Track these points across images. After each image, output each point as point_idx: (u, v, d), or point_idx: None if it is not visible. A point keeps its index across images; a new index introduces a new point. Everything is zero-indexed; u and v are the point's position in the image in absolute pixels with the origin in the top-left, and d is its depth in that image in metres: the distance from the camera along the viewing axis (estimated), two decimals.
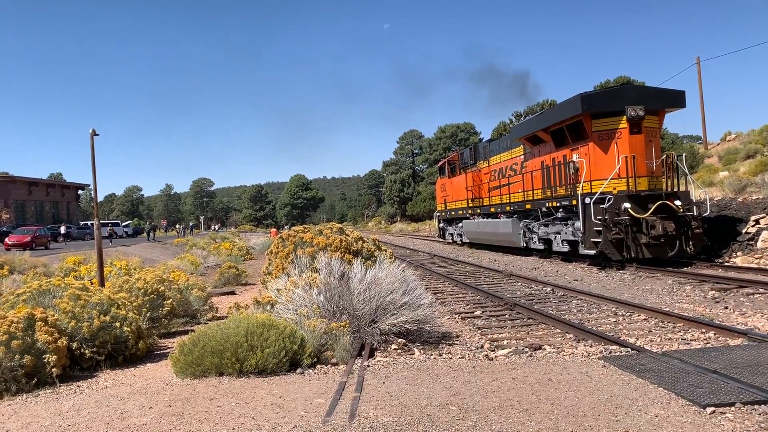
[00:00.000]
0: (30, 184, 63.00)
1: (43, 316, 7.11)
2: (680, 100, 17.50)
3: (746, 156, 33.21)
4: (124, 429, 5.10)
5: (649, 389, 5.51)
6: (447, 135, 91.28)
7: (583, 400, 5.29)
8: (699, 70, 41.74)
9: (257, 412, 5.37)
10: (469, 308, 11.54)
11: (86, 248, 25.19)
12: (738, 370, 5.92)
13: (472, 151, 28.60)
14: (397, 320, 8.11)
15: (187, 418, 5.30)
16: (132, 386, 6.75)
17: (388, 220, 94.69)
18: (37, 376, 6.83)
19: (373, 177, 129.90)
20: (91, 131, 11.63)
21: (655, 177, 17.14)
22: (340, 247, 10.66)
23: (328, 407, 5.35)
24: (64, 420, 5.49)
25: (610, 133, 16.90)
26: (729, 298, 11.12)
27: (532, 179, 20.63)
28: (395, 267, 9.52)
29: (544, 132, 19.42)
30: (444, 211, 33.73)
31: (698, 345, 7.62)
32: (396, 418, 5.03)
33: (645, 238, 15.79)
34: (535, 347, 7.91)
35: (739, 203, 19.39)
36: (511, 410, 5.12)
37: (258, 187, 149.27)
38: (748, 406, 4.92)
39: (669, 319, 9.25)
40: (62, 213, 69.63)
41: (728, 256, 17.16)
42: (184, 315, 11.33)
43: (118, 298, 8.61)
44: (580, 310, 10.75)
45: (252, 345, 6.68)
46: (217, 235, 52.64)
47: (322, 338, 7.39)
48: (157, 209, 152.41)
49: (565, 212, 18.51)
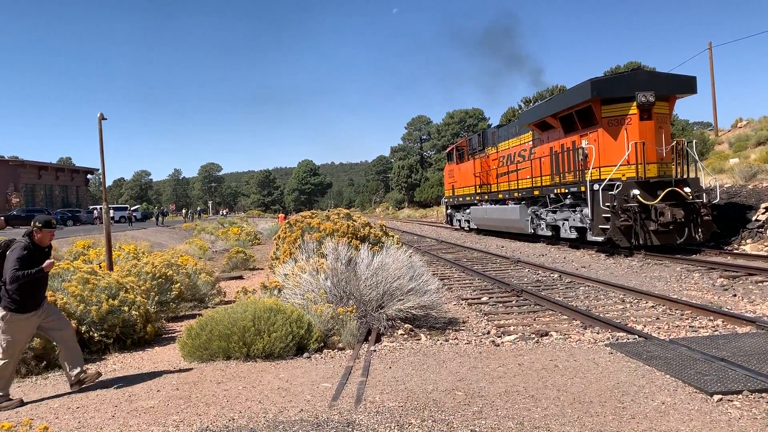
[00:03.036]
0: (39, 168, 63.24)
1: (52, 299, 7.15)
2: (691, 86, 17.29)
3: (757, 143, 32.90)
4: (132, 411, 5.14)
5: (656, 376, 5.50)
6: (455, 121, 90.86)
7: (590, 387, 5.29)
8: (711, 55, 41.28)
9: (264, 395, 5.40)
10: (476, 294, 11.54)
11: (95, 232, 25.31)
12: (746, 357, 5.89)
13: (480, 137, 28.46)
14: (404, 306, 8.12)
15: (195, 401, 5.33)
16: (140, 369, 6.81)
17: (395, 206, 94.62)
18: (46, 359, 6.90)
19: (381, 163, 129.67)
20: (99, 115, 11.63)
21: (665, 163, 17.00)
22: (347, 233, 10.66)
23: (335, 391, 5.37)
24: (72, 402, 5.55)
25: (620, 119, 16.75)
26: (738, 285, 11.06)
27: (541, 165, 20.52)
28: (402, 253, 9.52)
29: (553, 118, 19.28)
30: (452, 198, 33.65)
31: (706, 332, 7.59)
32: (402, 402, 5.04)
33: (654, 225, 15.70)
34: (541, 333, 7.90)
35: (749, 190, 19.23)
36: (518, 396, 5.12)
37: (266, 173, 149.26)
38: (756, 393, 4.90)
39: (677, 306, 9.21)
40: (71, 197, 69.94)
41: (738, 243, 17.05)
42: (192, 299, 11.39)
43: (126, 282, 8.66)
44: (587, 296, 10.72)
45: (259, 329, 6.72)
46: (225, 220, 52.78)
47: (329, 323, 7.41)
48: (165, 194, 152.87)
49: (574, 199, 18.41)
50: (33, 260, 5.79)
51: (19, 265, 5.65)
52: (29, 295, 5.82)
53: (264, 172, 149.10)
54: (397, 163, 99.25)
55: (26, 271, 5.67)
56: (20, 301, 5.73)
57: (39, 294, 5.96)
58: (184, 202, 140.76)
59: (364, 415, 4.75)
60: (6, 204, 54.84)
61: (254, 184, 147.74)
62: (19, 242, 5.84)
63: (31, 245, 5.87)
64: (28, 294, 5.80)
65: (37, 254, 5.87)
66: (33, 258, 5.80)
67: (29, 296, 5.82)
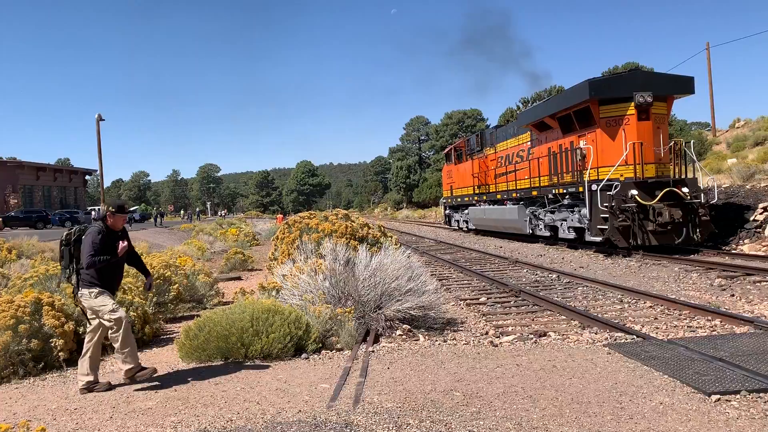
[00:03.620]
0: (38, 170, 63.17)
1: (50, 300, 7.15)
2: (689, 86, 17.32)
3: (755, 143, 32.97)
4: (130, 413, 5.14)
5: (654, 376, 5.50)
6: (454, 121, 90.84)
7: (588, 387, 5.29)
8: (708, 55, 41.34)
9: (262, 396, 5.40)
10: (474, 295, 11.54)
11: None
12: (744, 357, 5.90)
13: (478, 138, 28.46)
14: (402, 306, 8.11)
15: (192, 402, 5.33)
16: None
17: (394, 206, 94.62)
18: (44, 360, 6.88)
19: (380, 163, 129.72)
20: (97, 116, 11.64)
21: (663, 164, 17.02)
22: (346, 234, 10.66)
23: (333, 392, 5.37)
24: (70, 403, 5.54)
25: (618, 120, 16.76)
26: (736, 285, 11.07)
27: (539, 166, 20.53)
28: (400, 253, 9.52)
29: (551, 118, 19.29)
30: (450, 198, 33.66)
31: (704, 332, 7.60)
32: (400, 403, 5.04)
33: (652, 226, 15.72)
34: (540, 334, 7.90)
35: (747, 190, 19.25)
36: (516, 397, 5.13)
37: (264, 173, 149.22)
38: (754, 393, 4.91)
39: (675, 306, 9.22)
40: (70, 198, 69.89)
41: (735, 243, 17.07)
42: (191, 300, 11.36)
43: (124, 283, 8.64)
44: (585, 297, 10.73)
45: (257, 330, 6.71)
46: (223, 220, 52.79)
47: (327, 324, 7.41)
48: (164, 195, 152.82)
49: (572, 199, 18.43)
50: (107, 244, 5.88)
51: (94, 250, 5.75)
52: (109, 279, 5.98)
53: (262, 173, 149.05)
54: (396, 164, 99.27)
55: (102, 257, 5.79)
56: (101, 284, 5.87)
57: (115, 278, 6.14)
58: (182, 203, 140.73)
59: (362, 416, 4.75)
60: (4, 205, 54.79)
61: (253, 185, 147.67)
62: (94, 227, 5.95)
63: (105, 229, 5.96)
64: (105, 279, 5.93)
65: (110, 238, 5.96)
66: (107, 242, 5.89)
67: (109, 280, 5.98)
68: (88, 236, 5.84)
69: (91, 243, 5.76)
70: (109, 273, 5.97)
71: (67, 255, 6.03)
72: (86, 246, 5.78)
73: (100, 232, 5.87)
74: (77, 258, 5.94)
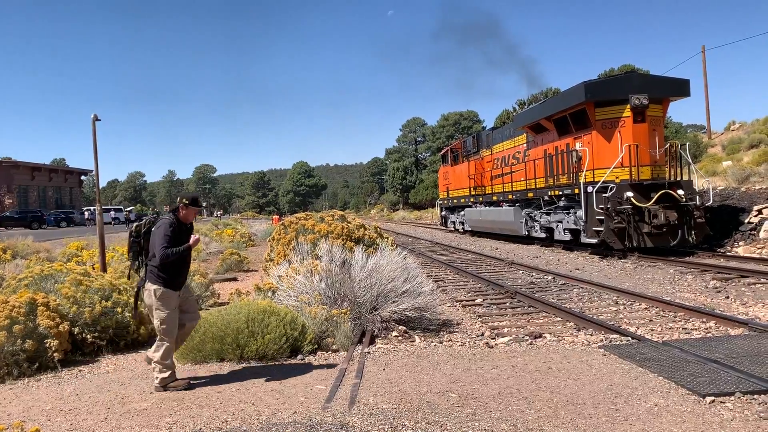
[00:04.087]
0: (33, 170, 63.01)
1: (45, 301, 7.12)
2: (684, 89, 17.38)
3: (750, 146, 33.08)
4: (125, 414, 5.13)
5: (649, 378, 5.52)
6: (450, 123, 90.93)
7: (583, 389, 5.30)
8: (704, 58, 41.50)
9: (257, 397, 5.39)
10: (470, 296, 11.55)
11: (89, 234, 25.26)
12: (738, 359, 5.92)
13: (474, 140, 28.49)
14: (398, 307, 8.12)
15: (188, 403, 5.32)
16: (133, 371, 6.78)
17: (390, 207, 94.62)
18: (38, 361, 6.85)
19: (376, 164, 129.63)
20: (93, 116, 11.59)
21: (658, 166, 17.07)
22: (342, 235, 10.65)
23: (328, 393, 5.37)
24: (65, 404, 5.52)
25: (614, 122, 16.82)
26: (730, 287, 11.11)
27: (535, 168, 20.57)
28: (397, 254, 9.52)
29: (547, 120, 19.34)
30: (446, 199, 33.68)
31: (699, 334, 7.62)
32: (396, 405, 5.04)
33: (647, 227, 15.76)
34: (535, 335, 7.92)
35: (742, 193, 19.32)
36: (511, 398, 5.13)
37: (260, 174, 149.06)
38: (748, 395, 4.93)
39: (670, 308, 9.24)
40: (65, 198, 69.72)
41: (730, 245, 17.13)
42: None
43: (119, 284, 8.63)
44: (581, 298, 10.75)
45: (253, 331, 6.70)
46: (219, 221, 52.70)
47: (323, 325, 7.40)
48: (159, 195, 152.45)
49: (568, 201, 18.46)
50: (179, 237, 5.81)
51: (166, 242, 5.66)
52: (176, 273, 5.85)
53: (258, 174, 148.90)
54: (392, 165, 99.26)
55: (175, 249, 5.70)
56: (168, 278, 5.76)
57: (184, 272, 6.00)
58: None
59: (357, 417, 4.75)
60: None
61: (249, 186, 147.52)
62: (166, 219, 5.86)
63: (177, 222, 5.89)
64: (175, 271, 5.83)
65: (182, 231, 5.90)
66: (179, 235, 5.82)
67: (176, 274, 5.85)
68: (160, 228, 5.75)
69: (163, 235, 5.68)
70: (177, 267, 5.84)
71: (136, 247, 5.97)
72: (159, 238, 5.68)
73: (171, 225, 5.79)
74: (146, 250, 5.89)
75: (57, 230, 42.87)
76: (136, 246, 5.98)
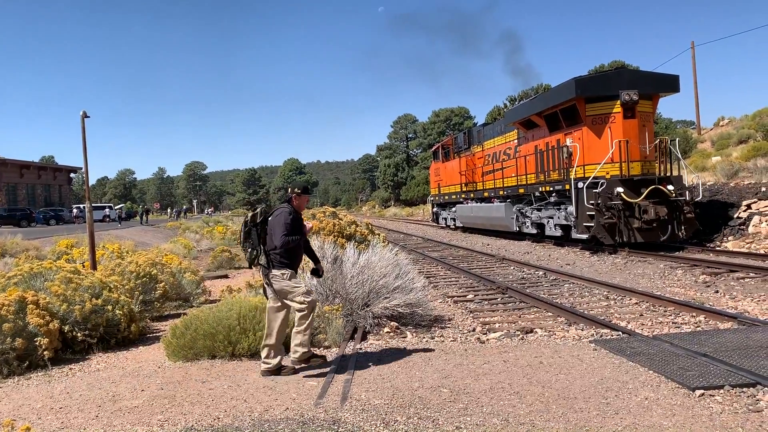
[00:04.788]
0: (21, 167, 62.49)
1: (34, 299, 7.08)
2: (674, 85, 17.47)
3: (739, 141, 33.29)
4: (116, 411, 5.11)
5: (640, 372, 5.55)
6: (441, 119, 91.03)
7: (574, 383, 5.32)
8: (693, 54, 41.66)
9: (249, 394, 5.38)
10: (461, 292, 11.57)
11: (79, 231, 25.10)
12: (727, 353, 5.96)
13: (466, 136, 28.53)
14: (390, 304, 8.12)
15: (179, 400, 5.30)
16: (124, 369, 6.75)
17: (381, 204, 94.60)
18: (28, 359, 6.82)
19: (367, 161, 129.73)
20: (82, 113, 11.51)
21: (648, 162, 17.16)
22: (333, 231, 10.66)
23: (320, 390, 5.37)
24: (56, 402, 5.49)
25: (604, 118, 16.88)
26: (720, 282, 11.19)
27: (526, 164, 20.62)
28: (388, 251, 9.52)
29: (538, 116, 19.39)
30: (437, 196, 33.72)
31: (689, 329, 7.68)
32: (388, 400, 5.05)
33: (637, 223, 15.85)
34: (526, 330, 7.95)
35: (731, 188, 19.45)
36: (503, 393, 5.15)
37: (251, 171, 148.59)
38: (737, 388, 4.96)
39: (660, 302, 9.30)
40: (54, 196, 69.22)
41: (720, 240, 17.25)
42: (177, 298, 11.30)
43: (110, 282, 8.59)
44: (572, 293, 10.79)
45: (244, 328, 6.69)
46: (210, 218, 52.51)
47: (315, 321, 7.39)
48: (150, 193, 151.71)
49: (558, 197, 18.53)
50: (296, 224, 6.06)
51: (286, 230, 5.92)
52: (295, 258, 6.17)
53: (249, 171, 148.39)
54: (384, 162, 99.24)
55: (293, 237, 5.98)
56: (290, 262, 6.04)
57: (300, 259, 6.29)
58: (168, 200, 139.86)
59: (349, 413, 4.75)
60: None
61: (239, 183, 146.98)
62: (284, 208, 6.10)
63: (294, 211, 6.12)
64: (293, 258, 6.12)
65: (298, 218, 6.14)
66: (296, 222, 6.08)
67: (295, 258, 6.17)
68: (280, 217, 5.99)
69: (283, 223, 5.92)
70: (296, 253, 6.15)
71: (255, 236, 6.14)
72: (279, 226, 5.92)
73: (291, 213, 6.04)
74: (264, 239, 6.09)
75: (46, 228, 42.58)
76: (255, 235, 6.17)
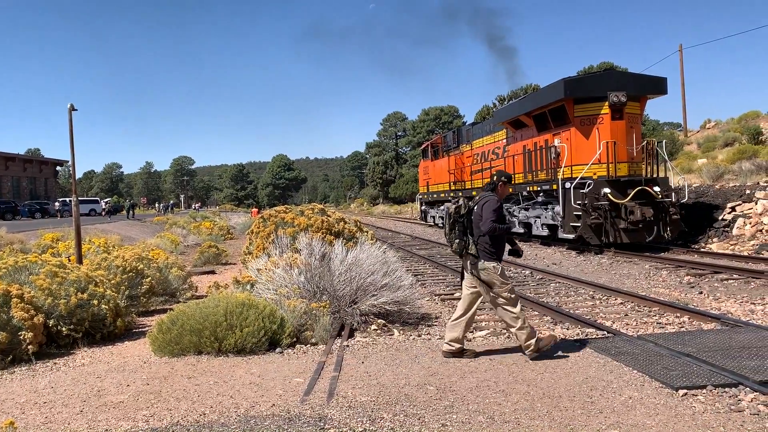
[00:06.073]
0: (6, 160, 61.83)
1: (19, 292, 7.02)
2: (662, 87, 17.61)
3: (724, 144, 33.61)
4: (101, 407, 5.08)
5: (624, 371, 5.60)
6: (431, 118, 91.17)
7: (559, 382, 5.37)
8: (681, 57, 42.01)
9: (236, 390, 5.37)
10: (448, 290, 11.60)
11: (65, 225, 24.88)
12: (710, 353, 6.03)
13: (455, 135, 28.60)
14: (378, 301, 8.13)
15: (165, 396, 5.29)
16: (109, 364, 6.72)
17: (370, 202, 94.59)
18: (12, 353, 6.76)
19: (356, 158, 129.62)
20: (69, 106, 11.41)
21: (635, 163, 17.30)
22: (321, 228, 10.64)
23: (307, 386, 5.37)
24: (40, 397, 5.45)
25: (592, 119, 16.98)
26: (704, 283, 11.30)
27: (514, 163, 20.70)
28: (376, 248, 9.53)
29: (527, 116, 19.47)
30: (426, 194, 33.77)
31: (673, 329, 7.75)
32: (374, 397, 5.06)
33: (623, 224, 15.96)
34: None
35: (716, 190, 19.64)
36: (488, 391, 5.18)
37: (239, 167, 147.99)
38: (719, 388, 5.03)
39: (645, 303, 9.38)
40: (40, 189, 68.57)
41: (705, 242, 17.42)
42: (163, 293, 11.25)
43: (96, 276, 8.53)
44: (558, 293, 10.86)
45: (231, 324, 6.67)
46: (197, 214, 52.26)
47: (302, 318, 7.40)
48: (137, 187, 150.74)
49: (546, 196, 18.63)
50: (502, 213, 6.21)
51: (495, 216, 6.07)
52: (501, 247, 6.28)
53: (237, 166, 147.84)
54: (373, 159, 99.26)
55: (501, 225, 6.13)
56: (497, 252, 6.16)
57: (504, 248, 6.39)
58: (155, 195, 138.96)
59: (336, 410, 4.76)
60: None
61: (227, 179, 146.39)
62: (492, 197, 6.22)
63: (499, 199, 6.24)
64: (499, 246, 6.24)
65: (502, 207, 6.27)
66: (502, 211, 6.22)
67: (501, 247, 6.28)
68: (489, 205, 6.11)
69: (493, 211, 6.07)
70: (500, 242, 6.27)
71: (461, 227, 6.22)
72: (488, 214, 6.05)
73: (498, 201, 6.20)
74: (470, 229, 6.20)
75: (31, 221, 42.18)
76: (461, 226, 6.23)
